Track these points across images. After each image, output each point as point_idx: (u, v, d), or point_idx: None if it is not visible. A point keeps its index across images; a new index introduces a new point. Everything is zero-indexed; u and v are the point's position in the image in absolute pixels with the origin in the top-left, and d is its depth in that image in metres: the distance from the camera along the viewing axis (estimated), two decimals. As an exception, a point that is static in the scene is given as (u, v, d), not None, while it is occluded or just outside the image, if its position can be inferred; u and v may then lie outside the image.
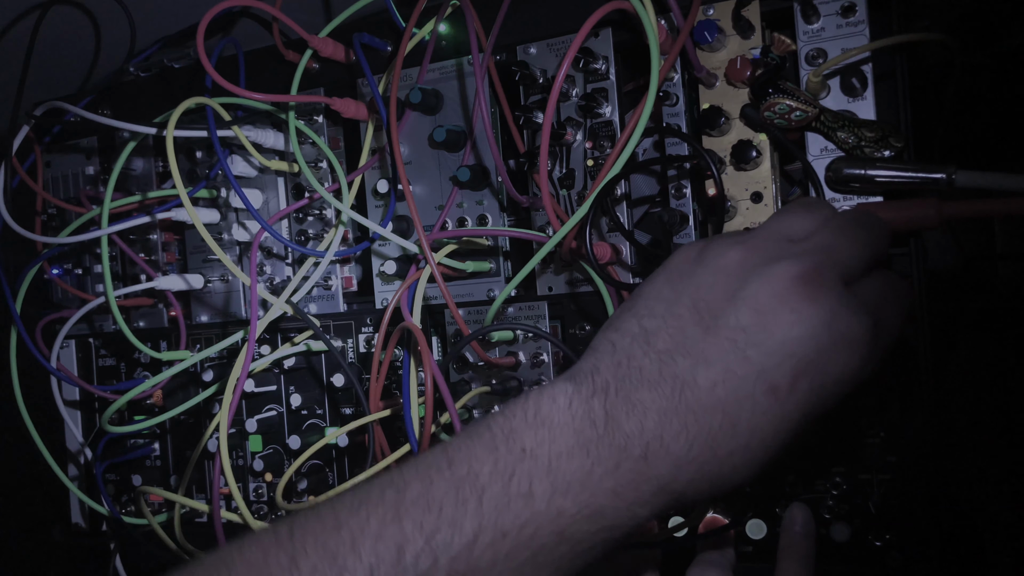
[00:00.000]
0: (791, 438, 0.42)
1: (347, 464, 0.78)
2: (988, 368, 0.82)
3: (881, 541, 0.59)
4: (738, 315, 0.42)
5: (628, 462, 0.41)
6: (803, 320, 0.41)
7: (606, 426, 0.41)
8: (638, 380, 0.42)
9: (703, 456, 0.41)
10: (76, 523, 0.93)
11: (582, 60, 0.63)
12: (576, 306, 0.68)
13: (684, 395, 0.41)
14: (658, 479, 0.41)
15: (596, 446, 0.41)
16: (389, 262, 0.72)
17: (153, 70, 0.86)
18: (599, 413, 0.42)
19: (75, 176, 0.90)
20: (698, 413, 0.41)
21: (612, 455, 0.41)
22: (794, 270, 0.42)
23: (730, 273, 0.44)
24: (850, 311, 0.42)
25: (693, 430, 0.41)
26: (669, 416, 0.41)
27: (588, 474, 0.41)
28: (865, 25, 0.57)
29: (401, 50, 0.67)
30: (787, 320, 0.41)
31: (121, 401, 0.74)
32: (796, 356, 0.41)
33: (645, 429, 0.41)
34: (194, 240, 0.83)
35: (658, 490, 0.42)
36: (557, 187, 0.67)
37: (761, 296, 0.42)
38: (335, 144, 0.78)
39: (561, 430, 0.42)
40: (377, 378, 0.67)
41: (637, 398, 0.42)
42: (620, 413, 0.42)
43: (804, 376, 0.41)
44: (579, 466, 0.41)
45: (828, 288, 0.42)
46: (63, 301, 0.91)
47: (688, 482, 0.42)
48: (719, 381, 0.41)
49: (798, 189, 0.63)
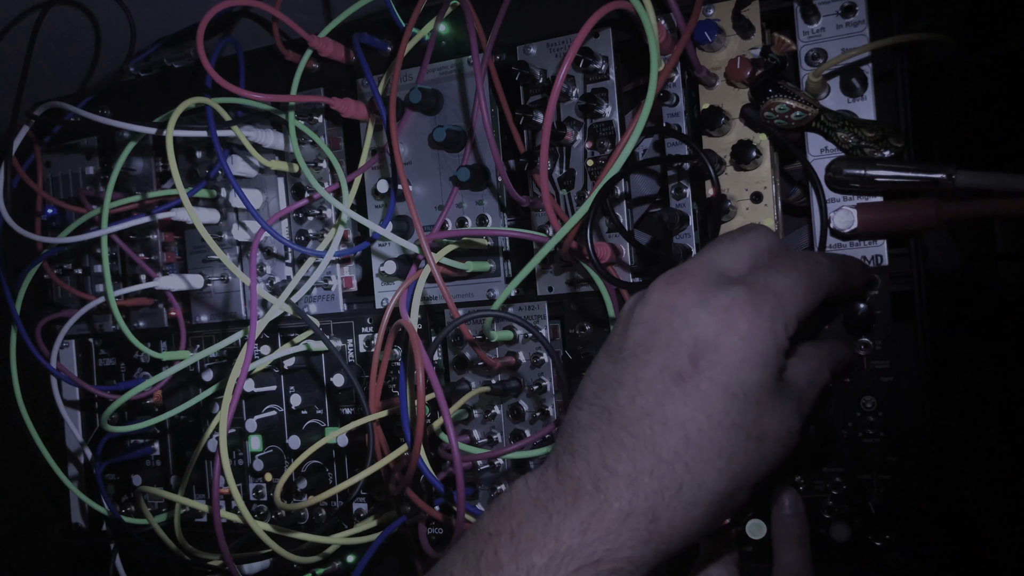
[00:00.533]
0: (736, 419, 0.43)
1: (347, 464, 0.78)
2: (988, 368, 0.82)
3: (881, 541, 0.59)
4: (629, 334, 0.46)
5: (584, 498, 0.43)
6: (689, 313, 0.44)
7: (558, 481, 0.44)
8: (575, 428, 0.46)
9: (649, 464, 0.42)
10: (76, 523, 0.93)
11: (582, 60, 0.63)
12: (576, 306, 0.68)
13: (613, 419, 0.44)
14: (619, 503, 0.42)
15: (552, 501, 0.43)
16: (389, 262, 0.72)
17: (153, 70, 0.86)
18: (551, 476, 0.45)
19: (75, 176, 0.90)
20: (629, 427, 0.43)
21: (568, 500, 0.43)
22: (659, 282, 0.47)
23: (622, 316, 0.48)
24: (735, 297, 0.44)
25: (630, 443, 0.43)
26: (607, 443, 0.44)
27: (547, 524, 0.43)
28: (865, 25, 0.57)
29: (401, 50, 0.67)
30: (681, 319, 0.44)
31: (121, 401, 0.74)
32: (689, 343, 0.44)
33: (591, 464, 0.44)
34: (194, 240, 0.83)
35: (625, 516, 0.42)
36: (557, 187, 0.67)
37: (644, 312, 0.46)
38: (335, 144, 0.78)
39: (520, 505, 0.44)
40: (377, 378, 0.67)
41: (577, 444, 0.45)
42: (567, 464, 0.44)
43: (703, 357, 0.43)
44: (539, 522, 0.43)
45: (698, 283, 0.45)
46: (63, 301, 0.91)
47: (651, 495, 0.42)
48: (636, 392, 0.44)
49: (798, 189, 0.63)
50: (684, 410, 0.43)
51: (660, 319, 0.45)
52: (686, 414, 0.43)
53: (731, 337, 0.43)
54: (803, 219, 0.63)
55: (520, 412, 0.69)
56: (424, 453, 0.61)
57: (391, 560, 0.78)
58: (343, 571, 0.77)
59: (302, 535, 0.71)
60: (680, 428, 0.43)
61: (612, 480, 0.43)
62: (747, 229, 0.50)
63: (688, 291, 0.45)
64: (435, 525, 0.73)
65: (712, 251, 0.48)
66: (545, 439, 0.67)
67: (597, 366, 0.47)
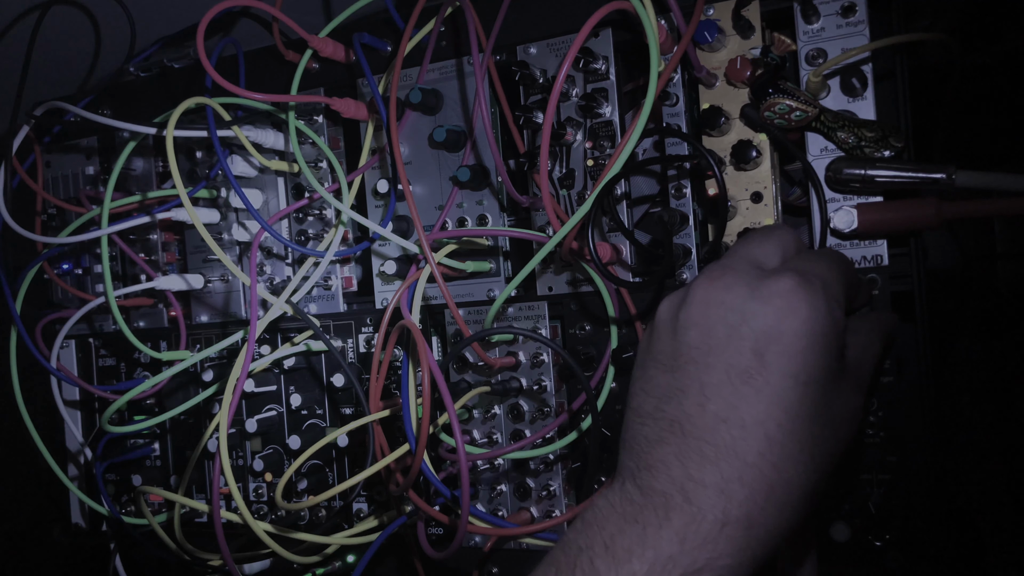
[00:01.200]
0: (811, 408, 0.42)
1: (347, 464, 0.78)
2: (988, 368, 0.82)
3: (881, 541, 0.59)
4: (680, 338, 0.44)
5: (675, 510, 0.41)
6: (745, 306, 0.43)
7: (643, 495, 0.43)
8: (644, 444, 0.44)
9: (736, 471, 0.41)
10: (76, 523, 0.93)
11: (582, 60, 0.63)
12: (576, 306, 0.68)
13: (686, 430, 0.42)
14: (712, 512, 0.41)
15: (642, 514, 0.42)
16: (389, 262, 0.72)
17: (153, 70, 0.86)
18: (633, 490, 0.43)
19: (75, 176, 0.90)
20: (707, 436, 0.42)
21: (659, 512, 0.42)
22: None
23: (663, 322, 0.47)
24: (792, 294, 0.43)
25: (712, 453, 0.41)
26: (687, 455, 0.42)
27: (643, 536, 0.41)
28: (865, 25, 0.57)
29: (401, 50, 0.67)
30: (737, 314, 0.43)
31: (121, 401, 0.74)
32: (750, 337, 0.42)
33: (674, 477, 0.42)
34: (194, 240, 0.83)
35: (721, 525, 0.41)
36: (557, 187, 0.67)
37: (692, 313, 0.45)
38: (335, 144, 0.78)
39: (607, 520, 0.43)
40: (377, 378, 0.67)
41: (652, 459, 0.43)
42: (647, 480, 0.43)
43: (767, 349, 0.42)
44: (633, 534, 0.42)
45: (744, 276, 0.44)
46: (63, 301, 0.91)
47: (744, 502, 0.41)
48: (704, 399, 0.42)
49: (798, 189, 0.63)
50: (760, 408, 0.41)
51: (713, 318, 0.44)
52: (763, 412, 0.41)
53: (793, 323, 0.42)
54: (803, 219, 0.63)
55: (520, 412, 0.69)
56: (426, 454, 0.61)
57: (391, 560, 0.78)
58: (343, 571, 0.77)
59: (302, 535, 0.71)
60: (759, 428, 0.41)
61: (702, 491, 0.41)
62: (772, 227, 0.50)
63: (735, 285, 0.44)
64: (435, 525, 0.73)
65: (745, 246, 0.48)
66: (545, 439, 0.68)
67: (649, 377, 0.46)
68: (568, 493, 0.69)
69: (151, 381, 0.76)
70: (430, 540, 0.67)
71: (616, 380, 0.66)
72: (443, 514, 0.63)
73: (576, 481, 0.69)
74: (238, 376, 0.68)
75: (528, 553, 0.70)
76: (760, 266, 0.46)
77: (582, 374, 0.60)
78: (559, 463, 0.69)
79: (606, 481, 0.46)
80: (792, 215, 0.64)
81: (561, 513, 0.68)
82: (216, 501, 0.68)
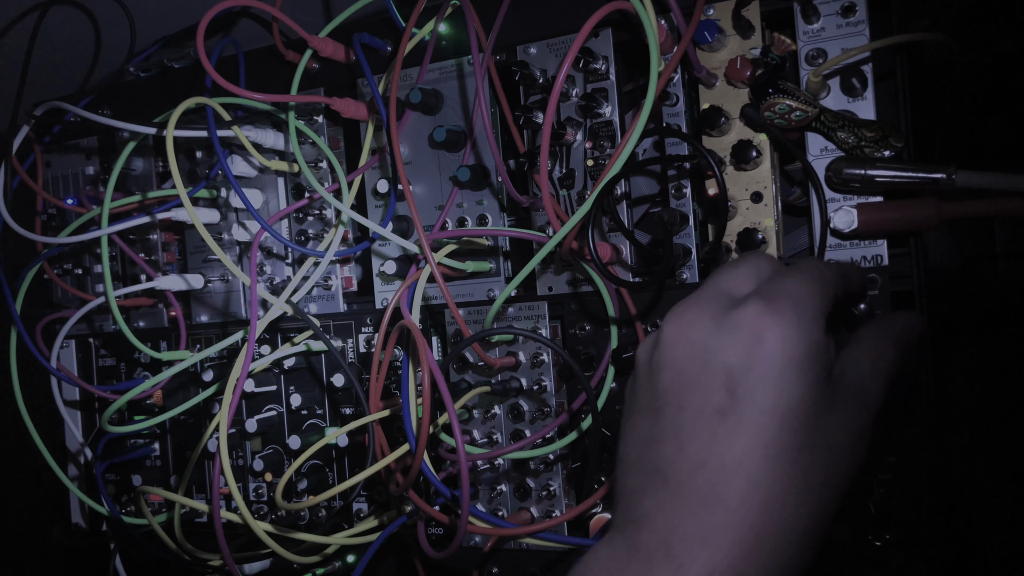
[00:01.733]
0: (795, 439, 0.40)
1: (347, 464, 0.78)
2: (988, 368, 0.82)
3: (881, 541, 0.59)
4: (655, 381, 0.44)
5: (659, 566, 0.40)
6: (710, 341, 0.42)
7: (628, 552, 0.41)
8: (630, 496, 0.43)
9: (719, 518, 0.39)
10: (76, 523, 0.93)
11: (582, 60, 0.63)
12: (576, 306, 0.68)
13: (667, 478, 0.41)
14: (695, 567, 0.39)
15: (628, 569, 0.41)
16: (389, 262, 0.72)
17: (153, 70, 0.86)
18: (620, 546, 0.42)
19: (75, 176, 0.90)
20: (686, 483, 0.40)
21: (643, 569, 0.40)
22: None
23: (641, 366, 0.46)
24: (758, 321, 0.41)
25: (693, 501, 0.40)
26: (668, 506, 0.41)
27: None
28: (865, 25, 0.57)
29: (401, 50, 0.67)
30: (704, 351, 0.42)
31: (121, 401, 0.74)
32: (721, 373, 0.41)
33: (657, 531, 0.41)
34: (194, 240, 0.83)
35: (709, 573, 0.39)
36: (557, 187, 0.67)
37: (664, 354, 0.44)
38: (335, 144, 0.78)
39: (600, 573, 0.42)
40: (377, 378, 0.67)
41: (637, 512, 0.42)
42: (632, 534, 0.42)
43: (739, 383, 0.40)
44: None
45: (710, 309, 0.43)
46: (63, 301, 0.91)
47: (729, 550, 0.39)
48: (680, 444, 0.41)
49: (798, 189, 0.63)
50: (737, 448, 0.39)
51: (682, 357, 0.42)
52: (740, 451, 0.39)
53: (762, 351, 0.40)
54: (803, 219, 0.63)
55: (520, 412, 0.69)
56: (426, 454, 0.61)
57: (391, 560, 0.78)
58: (343, 571, 0.77)
59: (302, 535, 0.71)
60: (739, 469, 0.39)
61: (684, 546, 0.39)
62: (745, 254, 0.49)
63: (701, 319, 0.43)
64: (435, 525, 0.73)
65: (715, 279, 0.46)
66: (545, 439, 0.68)
67: (631, 424, 0.45)
68: (568, 493, 0.69)
69: (151, 381, 0.76)
70: (430, 540, 0.67)
71: (616, 380, 0.66)
72: (443, 514, 0.63)
73: (576, 481, 0.69)
74: (238, 376, 0.68)
75: (528, 553, 0.70)
76: (731, 296, 0.44)
77: (582, 374, 0.60)
78: (559, 463, 0.69)
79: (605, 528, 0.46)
80: (792, 215, 0.64)
81: (561, 513, 0.68)
82: (216, 501, 0.68)
